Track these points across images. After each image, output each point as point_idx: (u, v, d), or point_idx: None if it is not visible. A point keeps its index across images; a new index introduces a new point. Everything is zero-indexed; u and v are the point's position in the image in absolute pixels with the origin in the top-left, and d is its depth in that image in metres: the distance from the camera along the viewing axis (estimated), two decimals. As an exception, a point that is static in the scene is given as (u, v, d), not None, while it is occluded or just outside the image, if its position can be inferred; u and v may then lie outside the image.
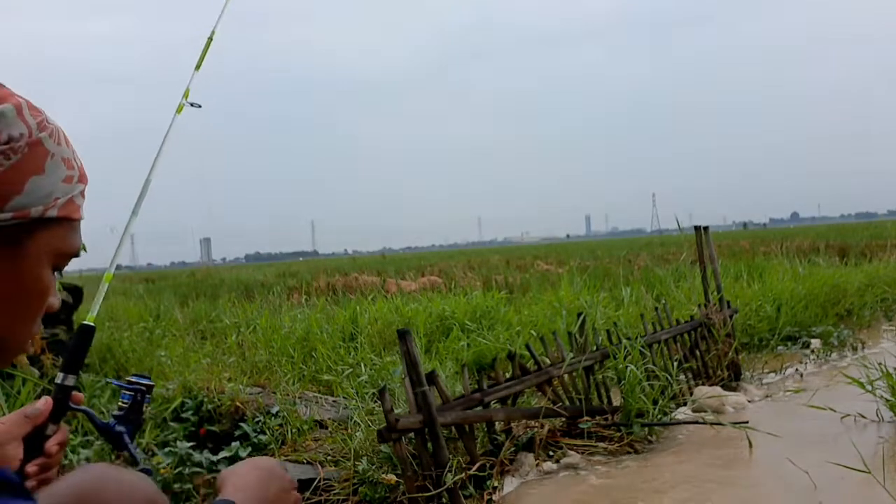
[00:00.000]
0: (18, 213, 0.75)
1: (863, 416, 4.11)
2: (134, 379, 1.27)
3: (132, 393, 1.26)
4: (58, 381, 1.18)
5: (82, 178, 0.84)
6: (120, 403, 1.26)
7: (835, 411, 4.06)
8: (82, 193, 0.84)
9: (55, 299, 0.84)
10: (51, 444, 1.09)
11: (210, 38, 1.82)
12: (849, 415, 4.13)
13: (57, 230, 0.80)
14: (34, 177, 0.76)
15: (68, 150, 0.83)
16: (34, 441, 1.08)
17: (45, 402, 1.10)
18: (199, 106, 1.71)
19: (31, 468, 1.06)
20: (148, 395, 1.28)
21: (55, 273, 0.83)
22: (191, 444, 3.68)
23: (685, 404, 4.67)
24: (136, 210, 1.62)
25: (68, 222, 0.82)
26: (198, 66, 1.78)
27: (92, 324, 1.28)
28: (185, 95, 1.71)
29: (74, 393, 1.18)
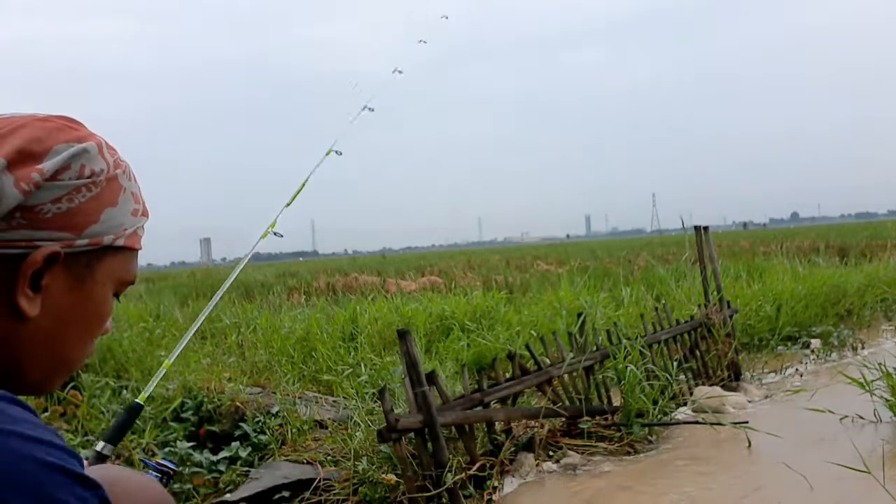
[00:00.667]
0: (93, 241, 0.82)
1: (861, 417, 4.11)
2: (162, 462, 1.31)
3: (159, 475, 1.29)
4: (97, 447, 1.24)
5: (145, 213, 0.92)
6: None
7: (833, 413, 4.07)
8: (143, 227, 0.92)
9: (109, 323, 0.91)
10: None
11: (303, 184, 2.00)
12: (847, 416, 4.13)
13: (121, 258, 0.88)
14: (109, 208, 0.84)
15: (136, 185, 0.91)
16: None
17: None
18: (282, 235, 1.98)
19: None
20: (171, 480, 1.32)
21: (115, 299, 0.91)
22: (191, 444, 3.69)
23: (685, 404, 4.67)
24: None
25: (131, 252, 0.89)
26: (288, 204, 2.00)
27: (141, 403, 1.35)
28: (272, 225, 1.94)
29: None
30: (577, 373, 4.18)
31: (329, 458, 3.60)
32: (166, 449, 3.61)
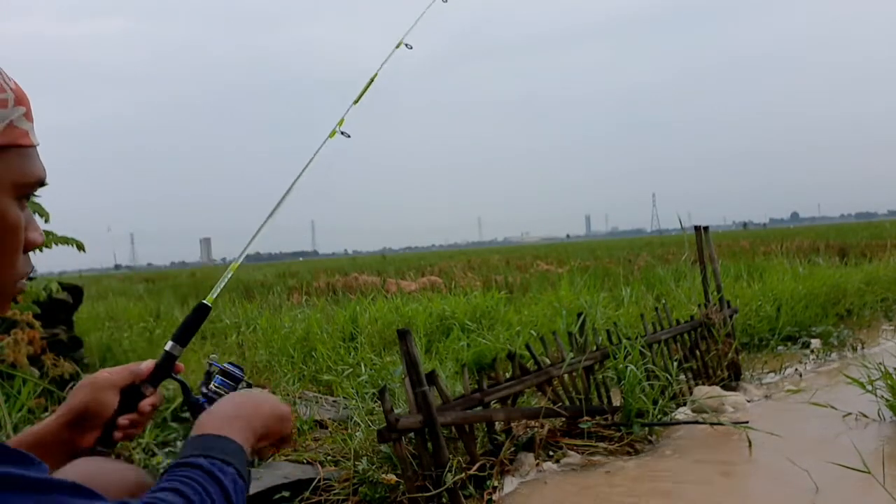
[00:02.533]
0: None
1: (864, 416, 4.12)
2: (229, 368, 1.27)
3: (231, 382, 1.26)
4: (166, 347, 1.25)
5: (21, 101, 0.75)
6: (213, 387, 1.24)
7: (835, 409, 4.07)
8: (26, 116, 0.76)
9: (36, 234, 0.79)
10: (144, 404, 1.17)
11: (372, 79, 1.99)
12: (849, 414, 4.13)
13: (5, 160, 0.73)
14: None
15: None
16: (131, 397, 1.17)
17: (147, 364, 1.19)
18: (349, 136, 1.84)
19: (122, 420, 1.14)
20: (241, 384, 1.28)
21: (25, 202, 0.78)
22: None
23: (685, 404, 4.66)
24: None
25: (17, 149, 0.74)
26: (356, 101, 1.95)
27: (209, 304, 1.36)
28: (340, 124, 1.87)
29: (178, 363, 1.23)
30: (577, 373, 4.18)
31: (329, 457, 3.60)
32: (166, 449, 3.61)
